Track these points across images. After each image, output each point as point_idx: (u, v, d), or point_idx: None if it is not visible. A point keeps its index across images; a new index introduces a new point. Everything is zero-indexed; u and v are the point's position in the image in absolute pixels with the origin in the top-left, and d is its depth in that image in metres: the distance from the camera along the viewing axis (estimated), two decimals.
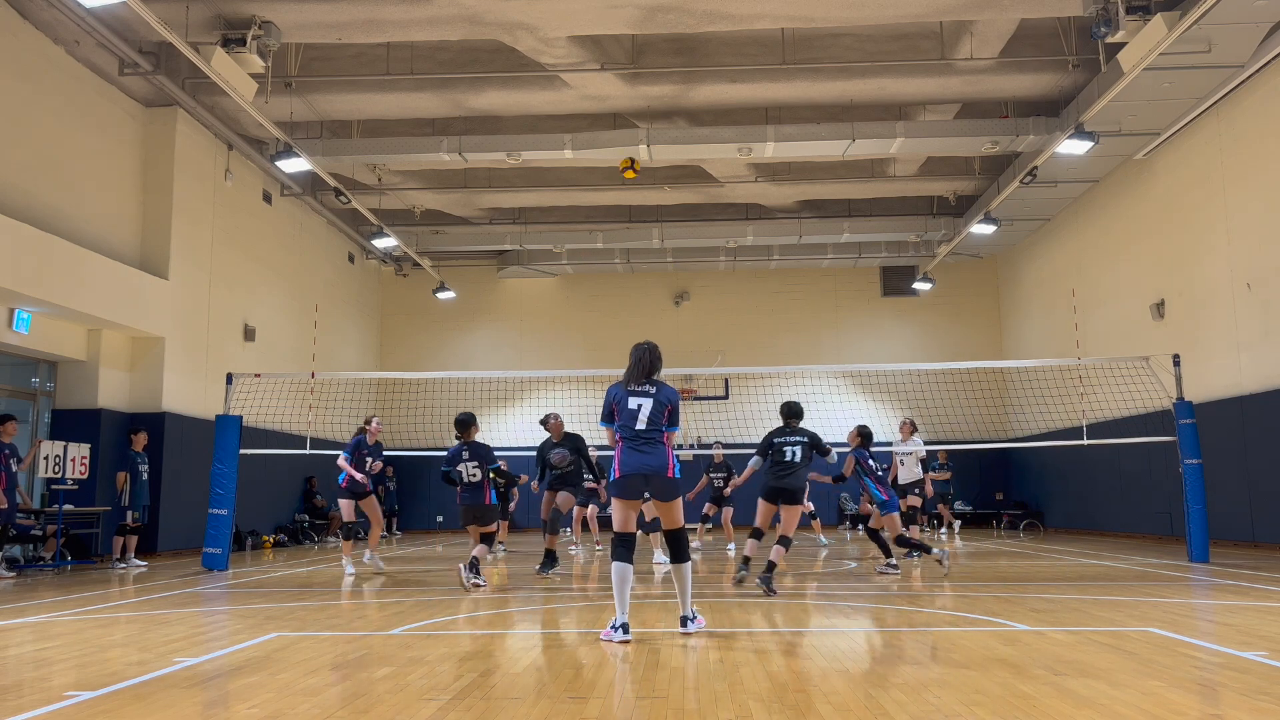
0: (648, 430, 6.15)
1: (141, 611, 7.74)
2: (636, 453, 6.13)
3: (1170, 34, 11.15)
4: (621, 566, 5.96)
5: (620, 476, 6.11)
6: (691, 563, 6.29)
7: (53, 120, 13.06)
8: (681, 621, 6.18)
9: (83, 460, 12.28)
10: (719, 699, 4.21)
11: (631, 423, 6.18)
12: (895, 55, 14.28)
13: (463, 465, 9.45)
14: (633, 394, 6.24)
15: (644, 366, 6.31)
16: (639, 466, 6.10)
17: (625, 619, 5.88)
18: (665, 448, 6.17)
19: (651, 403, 6.19)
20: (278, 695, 4.38)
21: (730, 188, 19.68)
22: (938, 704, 4.05)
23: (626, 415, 6.20)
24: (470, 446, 9.50)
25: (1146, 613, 6.90)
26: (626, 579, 5.95)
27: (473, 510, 9.50)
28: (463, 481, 9.47)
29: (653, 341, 6.49)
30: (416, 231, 21.71)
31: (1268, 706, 3.95)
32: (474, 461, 9.44)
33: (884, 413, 23.68)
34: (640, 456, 6.12)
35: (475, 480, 9.45)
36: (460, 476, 9.46)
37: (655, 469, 6.10)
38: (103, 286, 13.34)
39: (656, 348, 6.44)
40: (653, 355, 6.37)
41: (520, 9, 12.42)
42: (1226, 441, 14.10)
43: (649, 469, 6.09)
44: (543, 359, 24.34)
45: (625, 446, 6.17)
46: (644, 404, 6.19)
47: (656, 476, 6.10)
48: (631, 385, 6.28)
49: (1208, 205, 14.88)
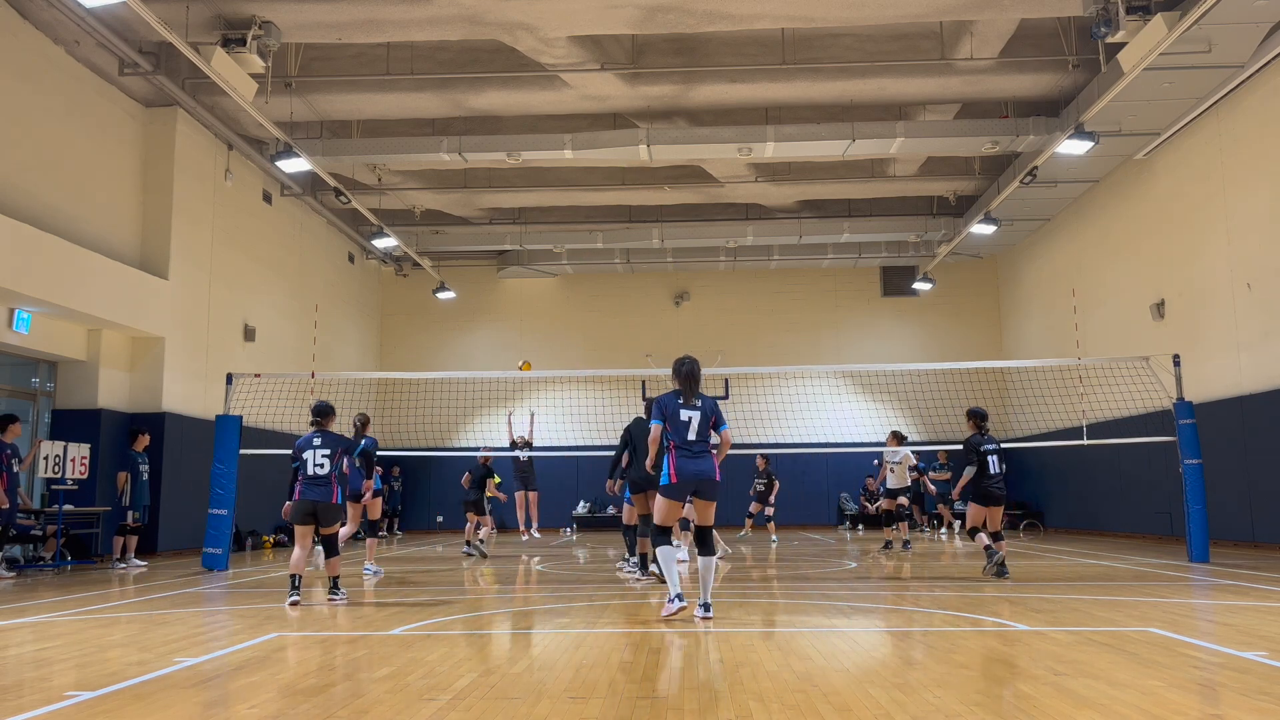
0: (697, 441, 6.87)
1: (141, 611, 7.74)
2: (691, 460, 6.85)
3: (1170, 34, 11.15)
4: (668, 549, 6.85)
5: (677, 481, 6.82)
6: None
7: (53, 120, 13.06)
8: (704, 607, 6.68)
9: (83, 460, 12.28)
10: (719, 699, 4.21)
11: (684, 433, 6.88)
12: (895, 55, 14.28)
13: (310, 453, 8.18)
14: (684, 408, 6.96)
15: (695, 381, 7.06)
16: (695, 473, 6.83)
17: (679, 590, 6.71)
18: (711, 455, 6.94)
19: (699, 415, 6.93)
20: (278, 695, 4.38)
21: (730, 188, 19.68)
22: (938, 704, 4.05)
23: (679, 426, 6.91)
24: (323, 435, 8.31)
25: (1146, 613, 6.90)
26: (673, 558, 6.85)
27: (314, 507, 8.12)
28: (306, 474, 8.14)
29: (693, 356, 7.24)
30: (416, 231, 21.70)
31: (1268, 706, 3.95)
32: (325, 450, 8.19)
33: (884, 413, 23.70)
34: (695, 463, 6.85)
35: (323, 473, 8.15)
36: (305, 467, 8.16)
37: (708, 474, 6.87)
38: (103, 286, 13.34)
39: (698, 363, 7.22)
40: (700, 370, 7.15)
41: (520, 9, 12.42)
42: (1226, 441, 14.10)
43: (703, 474, 6.85)
44: (543, 359, 24.33)
45: (678, 454, 6.87)
46: (694, 417, 6.92)
47: (708, 480, 6.88)
48: (683, 400, 6.99)
49: (1208, 205, 14.88)
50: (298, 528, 8.22)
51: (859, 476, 22.84)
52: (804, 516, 23.39)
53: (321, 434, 8.34)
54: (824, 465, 23.43)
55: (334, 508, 8.21)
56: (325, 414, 8.47)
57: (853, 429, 23.00)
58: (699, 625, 6.46)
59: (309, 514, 8.15)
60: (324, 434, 8.35)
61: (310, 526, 8.24)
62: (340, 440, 8.30)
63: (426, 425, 19.08)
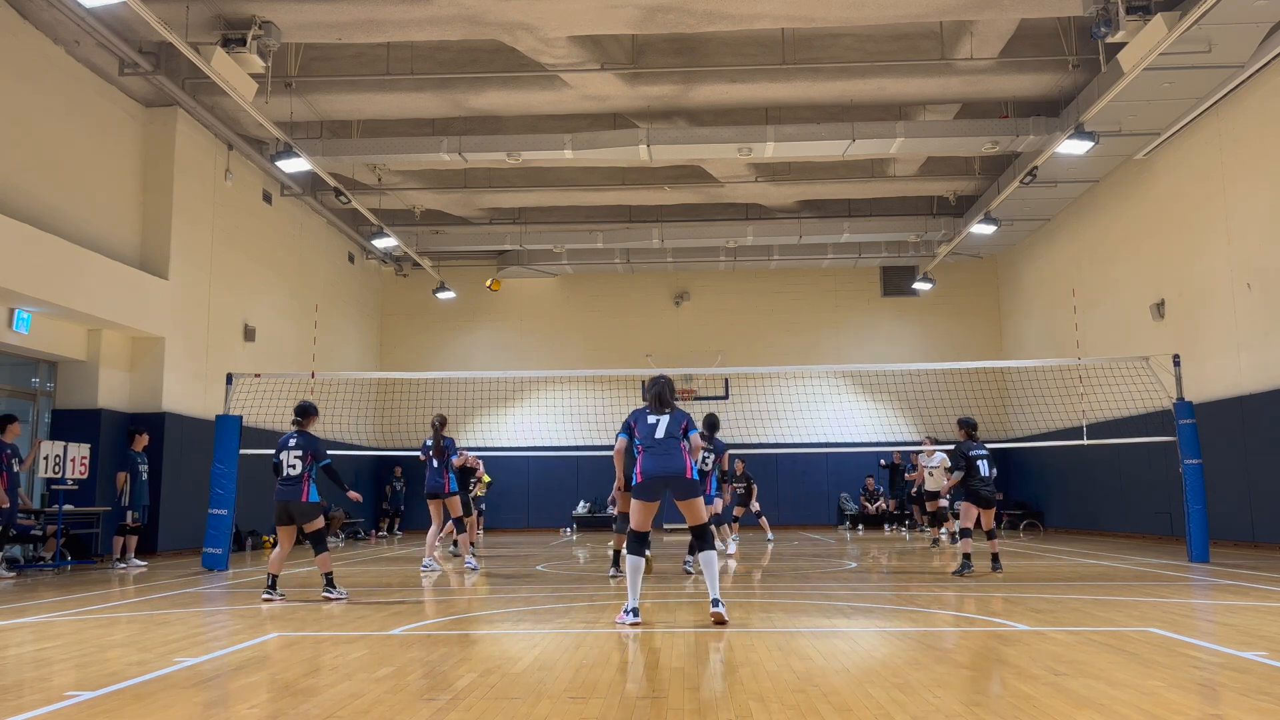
0: (665, 439, 6.80)
1: (141, 611, 7.74)
2: (656, 458, 6.76)
3: (1170, 34, 11.15)
4: (635, 559, 6.73)
5: (642, 480, 6.75)
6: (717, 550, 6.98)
7: (53, 120, 13.06)
8: (714, 602, 6.61)
9: (83, 460, 12.28)
10: (719, 699, 4.21)
11: (650, 434, 6.84)
12: (895, 55, 14.28)
13: (285, 454, 8.40)
14: (652, 414, 6.96)
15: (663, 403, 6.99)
16: (660, 470, 6.72)
17: (636, 604, 6.63)
18: (683, 453, 6.79)
19: (669, 419, 6.89)
20: (278, 695, 4.38)
21: (730, 188, 19.67)
22: (938, 704, 4.05)
23: (645, 429, 6.89)
24: (300, 435, 8.49)
25: (1146, 613, 6.90)
26: (639, 570, 6.75)
27: (287, 507, 8.34)
28: (281, 474, 8.38)
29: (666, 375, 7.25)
30: (416, 231, 21.70)
31: (1268, 706, 3.95)
32: (298, 451, 8.38)
33: (884, 413, 23.71)
34: (660, 461, 6.74)
35: (294, 473, 8.33)
36: (280, 468, 8.39)
37: (675, 471, 6.72)
38: (103, 286, 13.34)
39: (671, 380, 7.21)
40: (669, 388, 7.10)
41: (520, 9, 12.41)
42: (1226, 441, 14.10)
43: (669, 472, 6.71)
44: (543, 359, 24.34)
45: (645, 454, 6.81)
46: (662, 419, 6.89)
47: (676, 478, 6.72)
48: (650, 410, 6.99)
49: (1208, 205, 14.88)
50: (279, 528, 8.41)
51: (859, 476, 22.85)
52: (804, 516, 23.40)
53: (298, 434, 8.51)
54: (824, 465, 23.44)
55: (307, 506, 8.34)
56: (306, 414, 8.63)
57: (852, 429, 23.00)
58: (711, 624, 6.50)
59: (284, 514, 8.35)
60: (300, 434, 8.51)
61: (291, 526, 8.41)
62: (317, 448, 8.43)
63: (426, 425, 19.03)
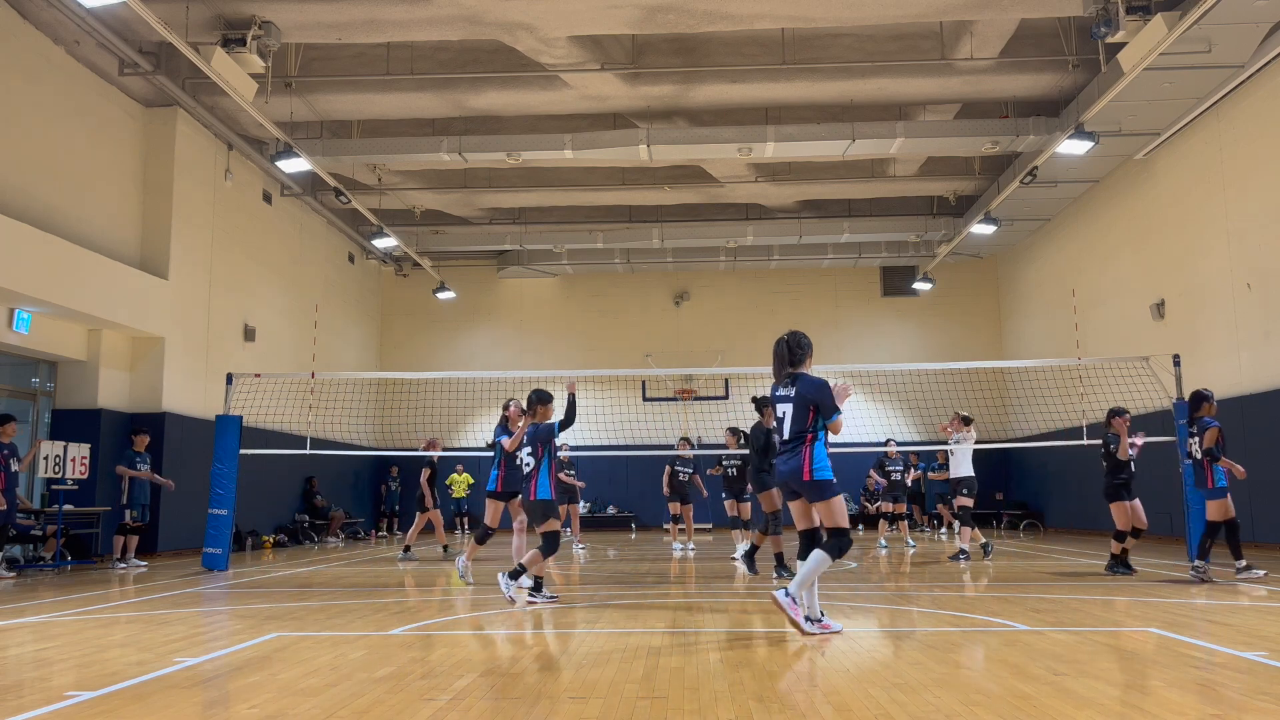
0: (789, 439, 6.13)
1: (141, 611, 7.74)
2: (783, 462, 6.18)
3: (1170, 34, 11.15)
4: (820, 555, 5.95)
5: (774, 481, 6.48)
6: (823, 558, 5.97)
7: (53, 120, 13.06)
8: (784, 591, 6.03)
9: (83, 460, 12.28)
10: (719, 699, 4.20)
11: (781, 431, 6.21)
12: (895, 55, 14.28)
13: (521, 450, 7.94)
14: (779, 399, 6.22)
15: (781, 359, 6.23)
16: (783, 474, 6.18)
17: (815, 612, 6.08)
18: (804, 452, 6.04)
19: (792, 407, 6.09)
20: (278, 695, 4.38)
21: (730, 188, 19.67)
22: (938, 704, 4.05)
23: (778, 423, 6.22)
24: (534, 428, 7.97)
25: (1146, 613, 6.90)
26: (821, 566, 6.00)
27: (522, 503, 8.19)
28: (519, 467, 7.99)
29: (795, 331, 6.31)
30: (416, 231, 21.70)
31: (1268, 706, 3.95)
32: (529, 447, 7.88)
33: (884, 413, 23.69)
34: (783, 464, 6.16)
35: (526, 470, 7.92)
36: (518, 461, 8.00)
37: (793, 473, 6.09)
38: (103, 286, 13.34)
39: (794, 337, 6.27)
40: (790, 346, 6.22)
41: (520, 9, 12.41)
42: (1227, 441, 14.06)
43: (786, 475, 6.14)
44: (543, 359, 24.33)
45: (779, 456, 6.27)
46: (786, 411, 6.13)
47: (795, 481, 6.11)
48: (776, 386, 6.25)
49: (1208, 205, 14.88)
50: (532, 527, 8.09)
51: (859, 476, 22.82)
52: None
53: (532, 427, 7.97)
54: None
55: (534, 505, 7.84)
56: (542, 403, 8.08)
57: (852, 429, 22.97)
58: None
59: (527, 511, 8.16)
60: (531, 427, 7.95)
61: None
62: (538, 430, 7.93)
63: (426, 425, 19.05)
